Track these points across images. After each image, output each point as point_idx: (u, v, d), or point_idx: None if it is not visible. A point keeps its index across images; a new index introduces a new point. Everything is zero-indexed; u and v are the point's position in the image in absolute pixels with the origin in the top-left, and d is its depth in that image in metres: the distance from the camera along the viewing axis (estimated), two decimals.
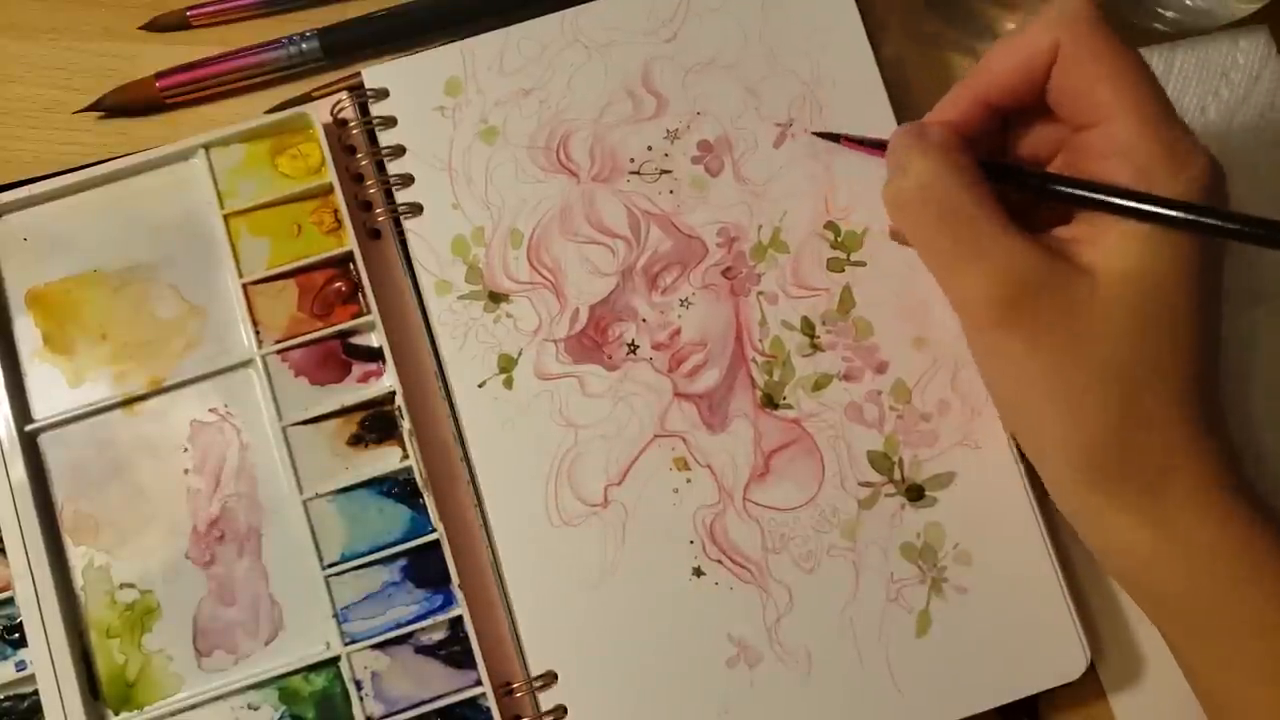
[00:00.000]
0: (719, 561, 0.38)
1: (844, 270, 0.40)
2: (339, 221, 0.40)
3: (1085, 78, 0.32)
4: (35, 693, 0.37)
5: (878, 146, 0.37)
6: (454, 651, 0.38)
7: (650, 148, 0.41)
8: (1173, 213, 0.31)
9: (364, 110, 0.41)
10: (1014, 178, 0.34)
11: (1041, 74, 0.33)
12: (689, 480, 0.39)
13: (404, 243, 0.40)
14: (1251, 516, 0.32)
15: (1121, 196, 0.31)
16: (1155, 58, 0.42)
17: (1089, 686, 0.38)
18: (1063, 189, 0.33)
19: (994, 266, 0.32)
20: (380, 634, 0.37)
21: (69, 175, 0.40)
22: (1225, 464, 0.32)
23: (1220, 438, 0.33)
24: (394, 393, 0.39)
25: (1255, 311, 0.41)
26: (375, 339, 0.39)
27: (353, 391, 0.39)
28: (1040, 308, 0.32)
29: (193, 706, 0.37)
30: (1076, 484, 0.33)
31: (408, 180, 0.40)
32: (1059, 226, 0.34)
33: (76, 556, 0.38)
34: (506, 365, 0.39)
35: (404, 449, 0.39)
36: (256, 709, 0.37)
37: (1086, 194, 0.32)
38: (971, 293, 0.33)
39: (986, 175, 0.33)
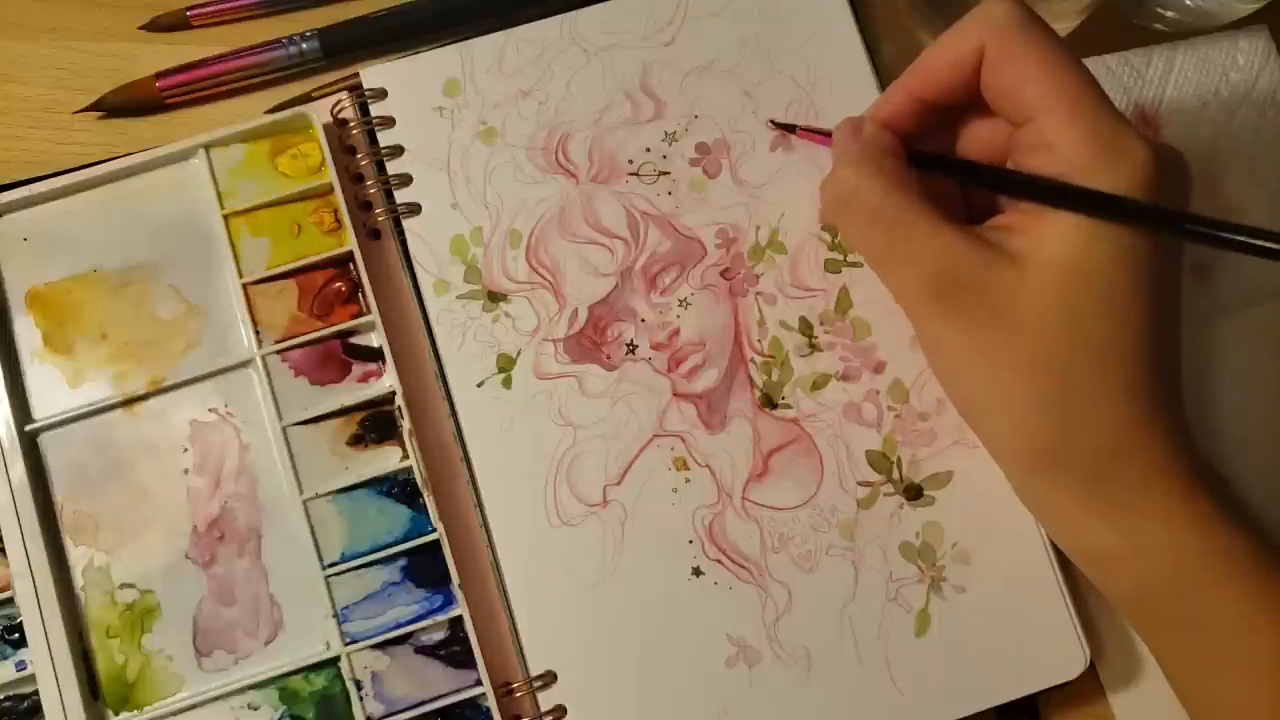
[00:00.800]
0: (718, 561, 0.38)
1: (841, 271, 0.40)
2: (339, 221, 0.40)
3: (1012, 77, 0.33)
4: (35, 693, 0.37)
5: (827, 135, 0.38)
6: (454, 651, 0.38)
7: (649, 149, 0.41)
8: (1094, 205, 0.31)
9: (364, 110, 0.41)
10: (941, 166, 0.36)
11: (970, 74, 0.34)
12: (688, 480, 0.39)
13: (404, 243, 0.40)
14: (1209, 505, 0.32)
15: (1039, 185, 0.32)
16: (1155, 57, 0.42)
17: (1088, 686, 0.38)
18: (986, 177, 0.34)
19: (923, 260, 0.33)
20: (380, 634, 0.37)
21: (69, 175, 0.40)
22: (1177, 451, 0.32)
23: (1173, 426, 0.32)
24: (394, 393, 0.39)
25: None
26: (375, 339, 0.39)
27: (353, 391, 0.39)
28: (970, 296, 0.32)
29: (192, 706, 0.37)
30: (1022, 472, 0.34)
31: (407, 180, 0.40)
32: (994, 216, 0.35)
33: (76, 556, 0.38)
34: (505, 365, 0.39)
35: (404, 449, 0.39)
36: (256, 709, 0.37)
37: (1008, 181, 0.33)
38: (904, 286, 0.34)
39: (917, 163, 0.35)
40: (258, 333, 0.39)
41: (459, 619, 0.37)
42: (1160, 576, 0.32)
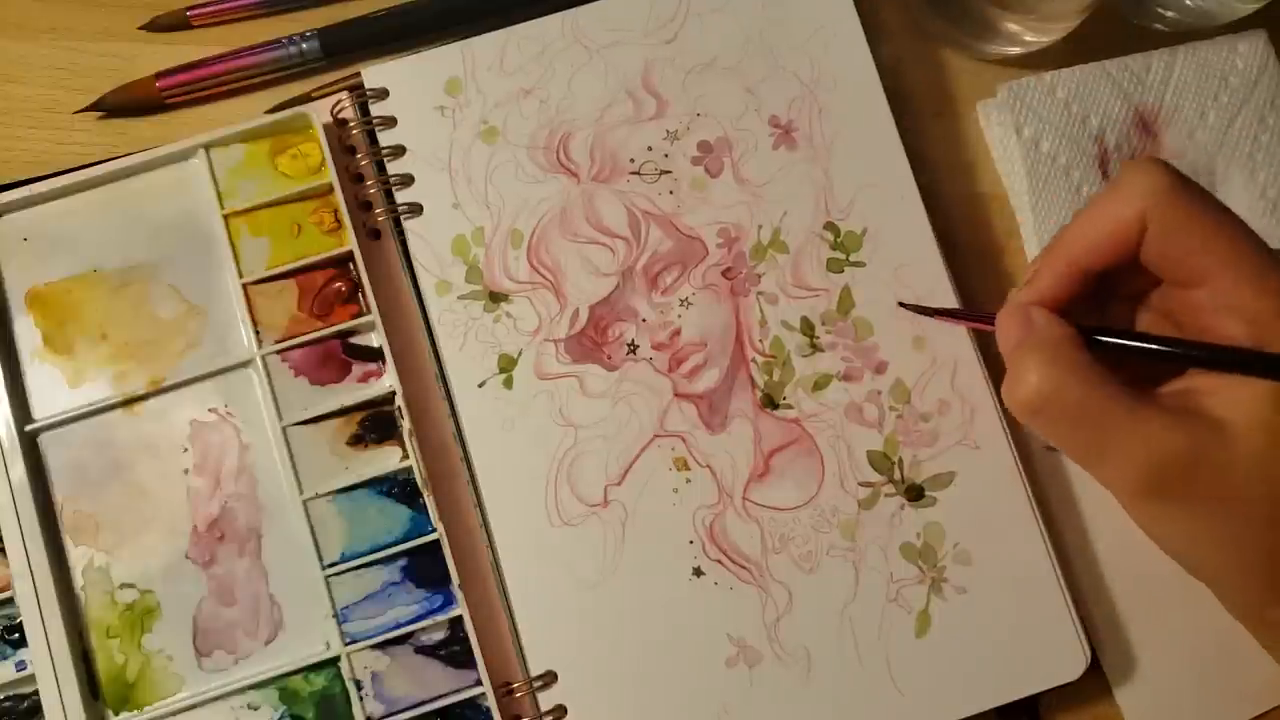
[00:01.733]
0: (719, 561, 0.38)
1: (843, 271, 0.40)
2: (339, 221, 0.40)
3: (1180, 246, 0.33)
4: (35, 693, 0.37)
5: (975, 319, 0.38)
6: (454, 651, 0.38)
7: (650, 148, 0.41)
8: None
9: (364, 110, 0.41)
10: (1122, 344, 0.34)
11: (1133, 244, 0.33)
12: (689, 480, 0.39)
13: (404, 243, 0.40)
14: None
15: (1237, 356, 0.32)
16: (1155, 62, 0.42)
17: (1089, 686, 0.38)
18: (1178, 351, 0.33)
19: (1132, 454, 0.32)
20: (380, 634, 0.37)
21: (69, 175, 0.40)
22: None
23: None
24: (394, 393, 0.39)
25: None
26: (375, 339, 0.39)
27: (353, 391, 0.39)
28: (1186, 481, 0.32)
29: (192, 706, 0.37)
30: (1265, 608, 0.34)
31: (408, 180, 0.40)
32: (1178, 377, 0.34)
33: (76, 556, 0.38)
34: (506, 365, 0.39)
35: (404, 449, 0.39)
36: (256, 709, 0.37)
37: (1204, 354, 0.32)
38: (1117, 480, 0.33)
39: (1100, 341, 0.33)
40: (258, 333, 0.39)
41: (459, 619, 0.37)
42: None
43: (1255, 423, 0.31)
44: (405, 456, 0.39)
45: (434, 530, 0.38)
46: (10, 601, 0.37)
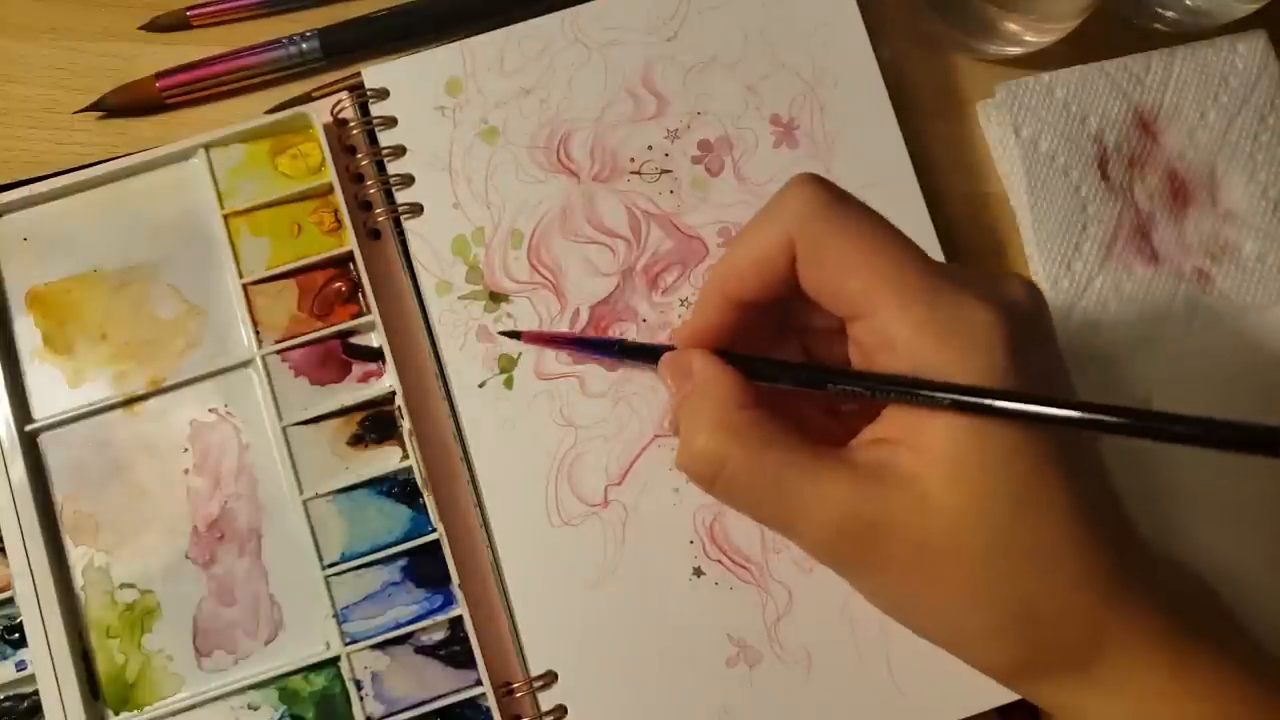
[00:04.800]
0: (719, 561, 0.38)
1: None
2: (339, 221, 0.40)
3: (830, 272, 0.29)
4: (35, 693, 0.37)
5: (631, 354, 0.37)
6: (454, 651, 0.38)
7: (651, 147, 0.41)
8: (958, 396, 0.27)
9: (364, 110, 0.41)
10: (782, 376, 0.31)
11: (782, 271, 0.30)
12: (689, 480, 0.39)
13: (404, 243, 0.40)
14: (1215, 659, 0.28)
15: (896, 382, 0.28)
16: (1154, 63, 0.42)
17: None
18: (834, 379, 0.30)
19: (821, 524, 0.28)
20: (380, 634, 0.37)
21: (69, 175, 0.40)
22: (1164, 615, 0.28)
23: (1150, 587, 0.28)
24: (394, 393, 0.39)
25: None
26: (375, 339, 0.39)
27: (353, 391, 0.39)
28: (883, 546, 0.28)
29: (192, 706, 0.37)
30: (1012, 685, 0.30)
31: (408, 180, 0.40)
32: (870, 425, 0.30)
33: (76, 556, 0.38)
34: (507, 365, 0.39)
35: (404, 449, 0.39)
36: (256, 709, 0.37)
37: (861, 383, 0.29)
38: (813, 549, 0.30)
39: (756, 375, 0.31)
40: (258, 333, 0.39)
41: (459, 619, 0.37)
42: None
43: (948, 475, 0.27)
44: (405, 456, 0.39)
45: (434, 530, 0.38)
46: (10, 601, 0.37)
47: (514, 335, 0.39)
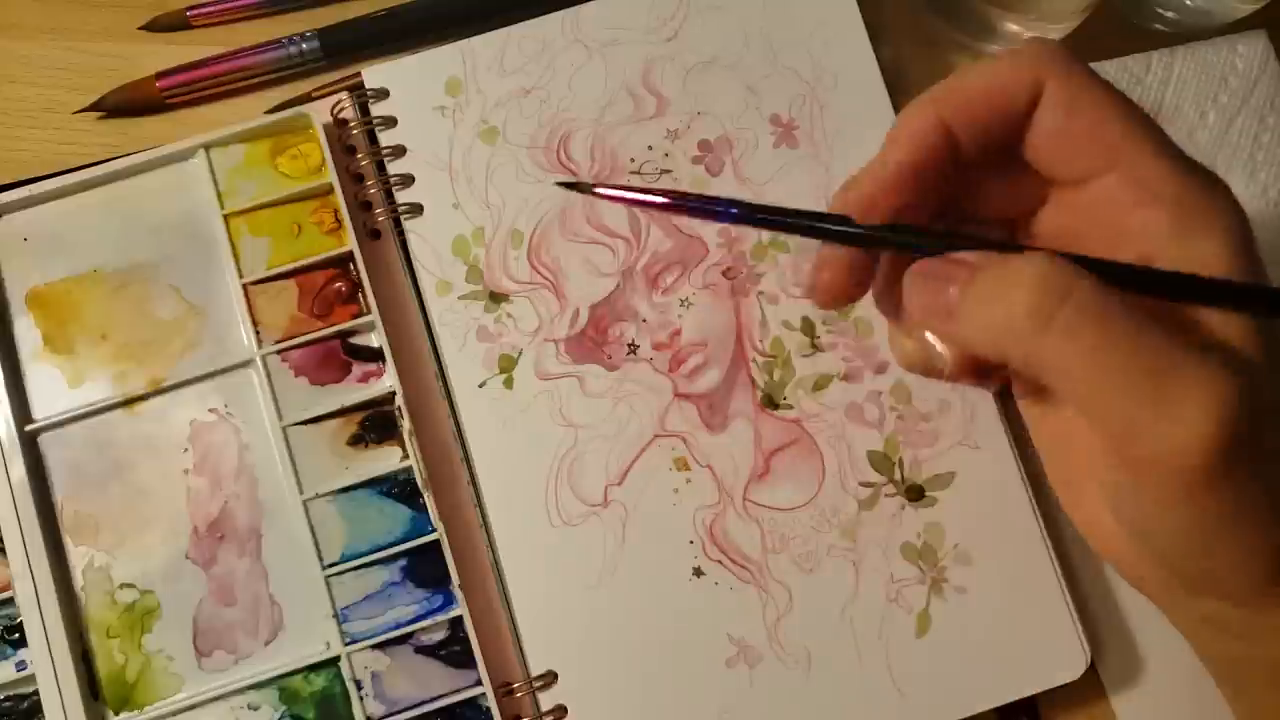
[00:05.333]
0: (719, 561, 0.38)
1: None
2: (339, 221, 0.40)
3: (1084, 119, 0.26)
4: (35, 693, 0.37)
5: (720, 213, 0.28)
6: (454, 651, 0.38)
7: (650, 147, 0.41)
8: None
9: (364, 110, 0.41)
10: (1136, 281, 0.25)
11: (1019, 112, 0.27)
12: (689, 480, 0.39)
13: (404, 243, 0.40)
14: None
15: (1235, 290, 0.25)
16: (1154, 63, 0.42)
17: (1089, 686, 0.38)
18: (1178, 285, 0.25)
19: (1209, 400, 0.23)
20: (380, 634, 0.37)
21: (69, 175, 0.40)
22: None
23: None
24: (394, 393, 0.39)
25: None
26: (375, 339, 0.39)
27: (353, 391, 0.39)
28: (1267, 433, 0.24)
29: (192, 706, 0.37)
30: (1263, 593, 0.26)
31: (408, 180, 0.40)
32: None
33: (76, 556, 0.38)
34: (507, 365, 0.39)
35: (404, 449, 0.39)
36: (256, 709, 0.37)
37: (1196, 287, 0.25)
38: (1179, 444, 0.23)
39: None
40: (258, 333, 0.39)
41: (459, 619, 0.37)
42: None
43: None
44: (405, 456, 0.39)
45: (434, 530, 0.38)
46: (10, 601, 0.37)
47: (572, 186, 0.30)
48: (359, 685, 0.37)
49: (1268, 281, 0.26)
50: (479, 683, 0.37)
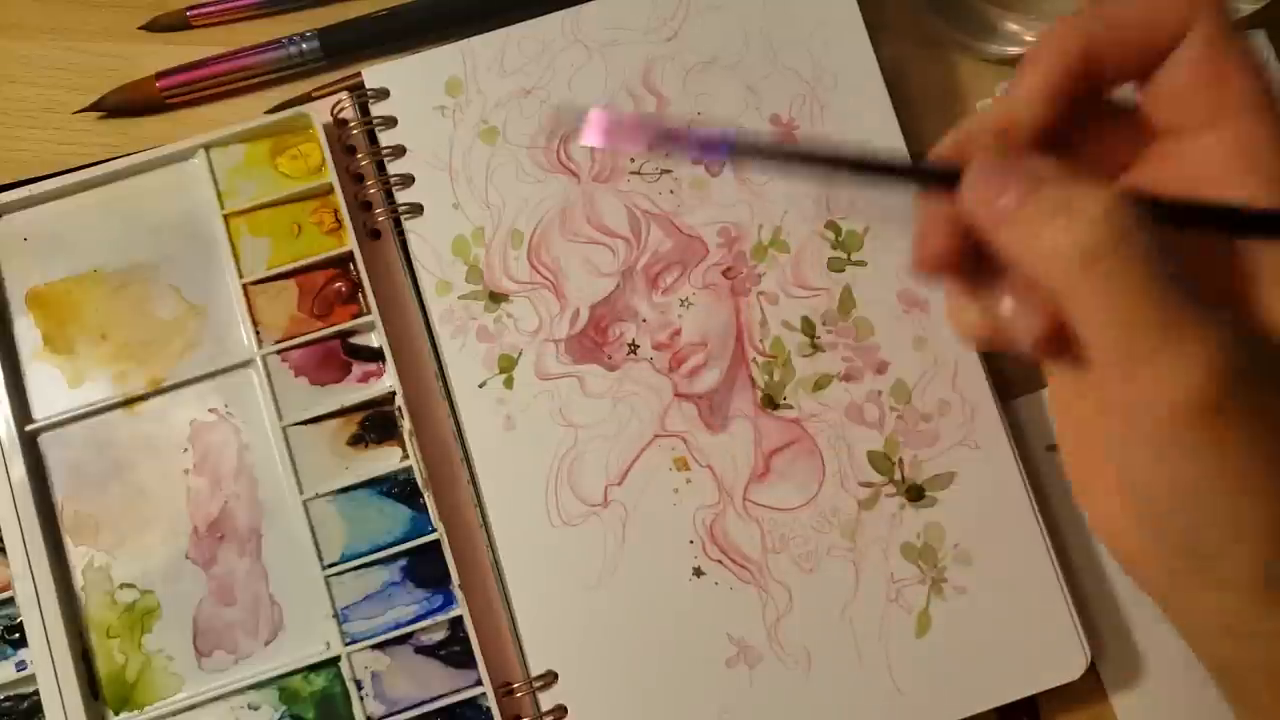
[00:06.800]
0: (719, 561, 0.38)
1: (844, 270, 0.40)
2: (339, 221, 0.40)
3: (1219, 67, 0.26)
4: (35, 693, 0.37)
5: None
6: (454, 651, 0.38)
7: None
8: None
9: (364, 110, 0.41)
10: (1198, 219, 0.25)
11: (1162, 50, 0.27)
12: (689, 480, 0.39)
13: (404, 243, 0.40)
14: None
15: None
16: None
17: (1089, 686, 0.38)
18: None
19: (1203, 352, 0.23)
20: (380, 634, 0.37)
21: (69, 175, 0.40)
22: None
23: None
24: (394, 393, 0.39)
25: None
26: (375, 339, 0.39)
27: (353, 391, 0.39)
28: (1259, 393, 0.24)
29: (192, 706, 0.37)
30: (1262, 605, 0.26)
31: (408, 180, 0.40)
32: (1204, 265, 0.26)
33: (76, 556, 0.38)
34: (507, 365, 0.39)
35: (404, 449, 0.39)
36: (256, 709, 0.37)
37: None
38: (1168, 388, 0.24)
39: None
40: (258, 333, 0.39)
41: (459, 619, 0.37)
42: None
43: None
44: (405, 456, 0.39)
45: (434, 530, 0.38)
46: (10, 601, 0.37)
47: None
48: (359, 685, 0.37)
49: None
50: (479, 683, 0.37)
